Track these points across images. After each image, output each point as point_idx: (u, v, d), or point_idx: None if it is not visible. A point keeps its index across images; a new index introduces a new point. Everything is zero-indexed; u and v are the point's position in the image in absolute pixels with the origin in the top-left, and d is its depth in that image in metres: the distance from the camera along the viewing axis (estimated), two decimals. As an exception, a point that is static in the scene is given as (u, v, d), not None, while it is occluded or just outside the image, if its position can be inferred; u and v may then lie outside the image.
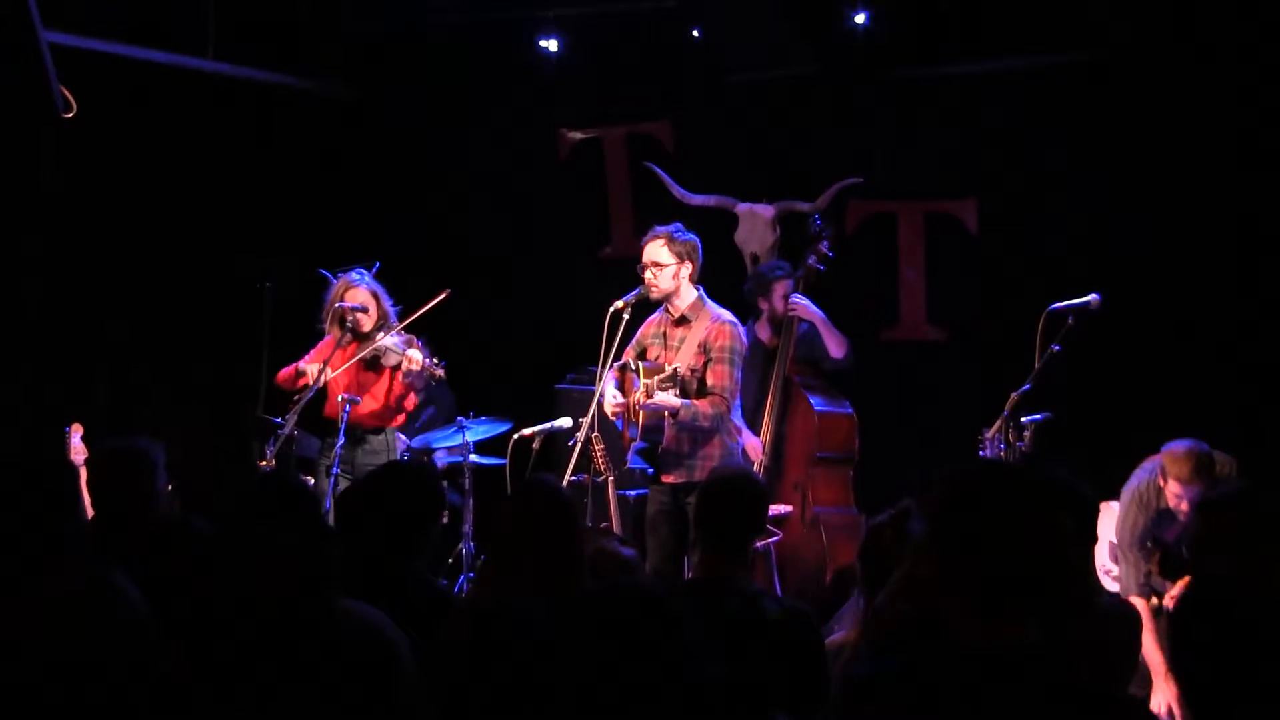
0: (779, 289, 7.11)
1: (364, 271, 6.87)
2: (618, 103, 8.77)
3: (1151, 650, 5.45)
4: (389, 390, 6.82)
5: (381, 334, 6.73)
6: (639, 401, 5.96)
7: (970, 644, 2.35)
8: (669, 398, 5.88)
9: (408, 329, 6.82)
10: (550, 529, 3.55)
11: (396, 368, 6.73)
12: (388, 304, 6.85)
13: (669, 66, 8.46)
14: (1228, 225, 7.08)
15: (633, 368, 6.19)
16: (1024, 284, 7.17)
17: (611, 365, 6.27)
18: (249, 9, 8.19)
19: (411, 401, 6.90)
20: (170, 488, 4.49)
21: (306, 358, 6.83)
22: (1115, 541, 5.82)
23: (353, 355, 6.77)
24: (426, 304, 6.79)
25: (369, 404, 6.79)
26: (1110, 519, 5.79)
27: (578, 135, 8.90)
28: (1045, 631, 2.39)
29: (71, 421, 6.33)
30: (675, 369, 5.86)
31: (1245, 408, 6.91)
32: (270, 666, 2.88)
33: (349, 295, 6.77)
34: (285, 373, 6.82)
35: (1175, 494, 5.50)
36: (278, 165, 8.48)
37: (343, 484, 6.51)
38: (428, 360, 6.63)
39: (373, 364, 6.77)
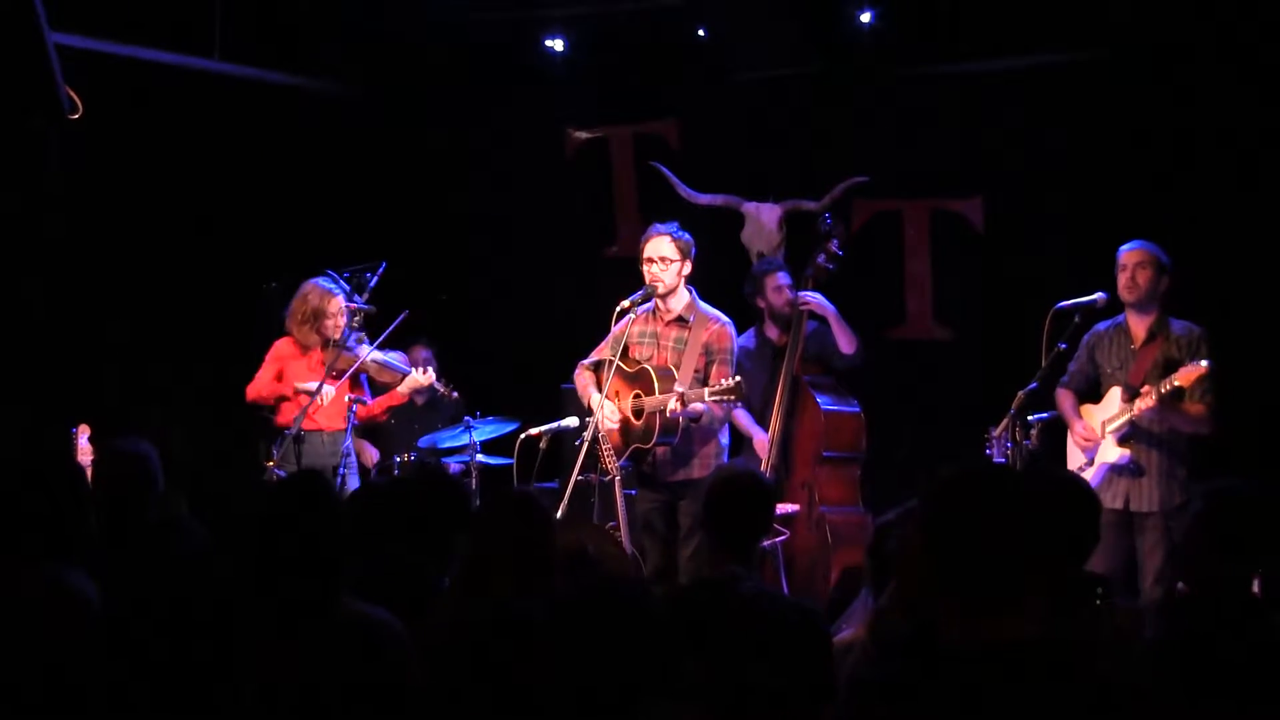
0: (770, 283, 7.12)
1: (333, 276, 6.90)
2: (623, 102, 8.77)
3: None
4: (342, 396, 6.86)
5: (366, 348, 6.76)
6: (675, 410, 5.95)
7: (969, 643, 2.35)
8: (699, 405, 5.92)
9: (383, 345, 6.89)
10: (521, 534, 3.55)
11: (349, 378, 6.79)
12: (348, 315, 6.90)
13: (675, 66, 8.46)
14: (1231, 222, 7.07)
15: (626, 369, 6.20)
16: (1030, 282, 7.16)
17: (582, 363, 6.33)
18: (254, 9, 8.19)
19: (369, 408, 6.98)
20: (164, 490, 4.49)
21: (269, 373, 6.83)
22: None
23: (319, 360, 6.81)
24: (391, 325, 6.80)
25: (325, 407, 6.80)
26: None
27: (583, 134, 8.90)
28: (1044, 628, 2.39)
29: (79, 423, 6.35)
30: (738, 382, 5.85)
31: (1245, 403, 6.89)
32: (271, 665, 2.88)
33: (332, 304, 6.80)
34: (263, 394, 6.82)
35: (1122, 265, 6.00)
36: (283, 165, 8.48)
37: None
38: (439, 384, 6.77)
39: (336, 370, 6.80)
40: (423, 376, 6.82)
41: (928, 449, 7.12)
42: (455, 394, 6.93)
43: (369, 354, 6.73)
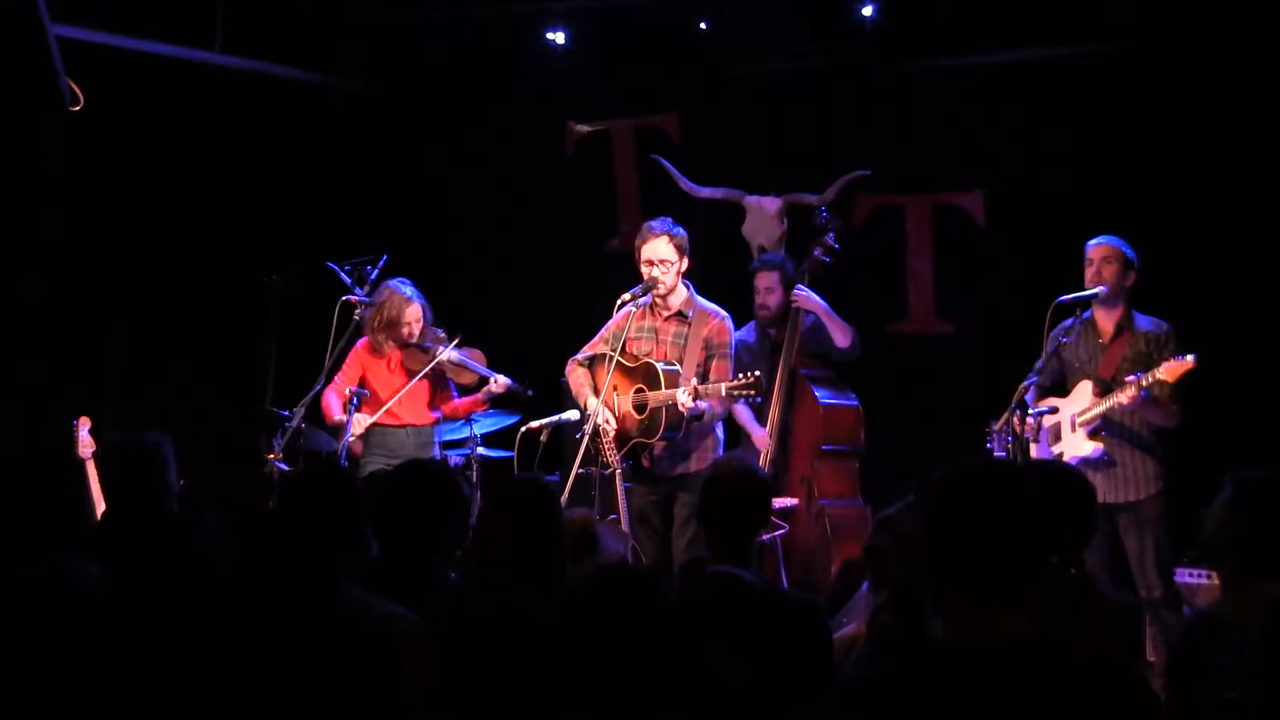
0: (755, 282, 7.13)
1: (409, 281, 6.93)
2: (625, 95, 8.77)
3: None
4: (432, 392, 6.97)
5: (442, 349, 6.82)
6: (686, 405, 5.94)
7: (967, 638, 2.35)
8: (702, 402, 5.92)
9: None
10: (528, 519, 3.55)
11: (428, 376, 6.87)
12: (429, 315, 6.95)
13: (676, 59, 8.45)
14: (1230, 216, 7.07)
15: (627, 364, 6.20)
16: (1031, 276, 7.16)
17: (574, 359, 6.34)
18: (256, 2, 8.19)
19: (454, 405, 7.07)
20: (179, 482, 4.48)
21: (339, 379, 6.85)
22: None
23: (399, 361, 6.86)
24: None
25: (406, 403, 6.88)
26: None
27: (585, 128, 8.90)
28: (1041, 623, 2.39)
29: (79, 416, 6.35)
30: (758, 376, 5.81)
31: (1247, 398, 6.90)
32: (276, 658, 2.88)
33: (408, 312, 6.81)
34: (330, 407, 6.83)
35: (1089, 260, 6.03)
36: (284, 158, 8.48)
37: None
38: (513, 384, 6.82)
39: (417, 371, 6.88)
40: (496, 386, 6.85)
41: (928, 443, 7.11)
42: (530, 392, 6.93)
43: (445, 353, 6.77)
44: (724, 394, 5.86)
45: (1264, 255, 7.00)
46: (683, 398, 5.92)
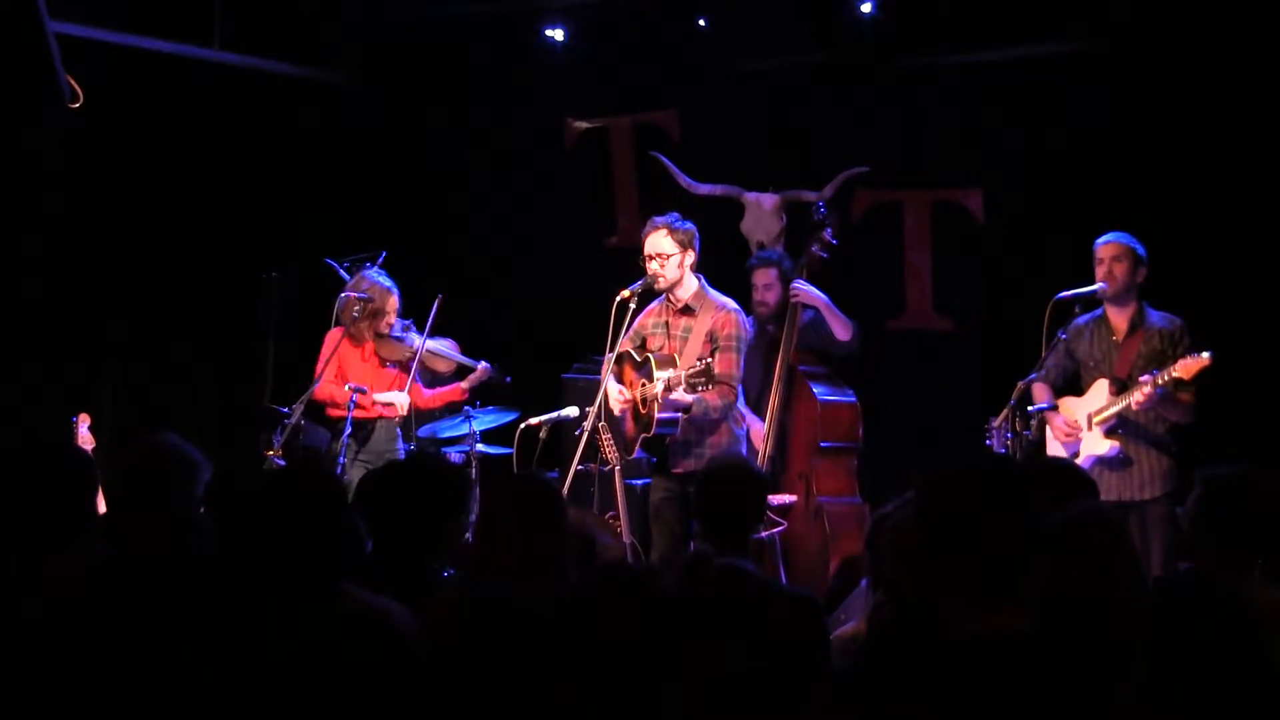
0: (753, 279, 7.13)
1: (384, 271, 7.00)
2: (624, 92, 8.76)
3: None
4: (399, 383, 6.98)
5: (419, 338, 6.87)
6: (660, 396, 5.95)
7: (966, 636, 2.35)
8: (683, 394, 5.91)
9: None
10: (530, 517, 3.55)
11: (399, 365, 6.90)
12: (399, 305, 7.02)
13: (675, 55, 8.44)
14: (1230, 216, 7.07)
15: (636, 359, 6.20)
16: (1030, 273, 7.17)
17: (607, 357, 6.33)
18: (255, -1, 8.21)
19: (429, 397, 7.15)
20: (187, 485, 4.43)
21: (332, 371, 6.87)
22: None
23: (372, 351, 6.91)
24: (430, 313, 6.92)
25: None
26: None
27: (584, 124, 8.89)
28: (1041, 620, 2.39)
29: (79, 412, 6.35)
30: (708, 363, 5.84)
31: (1246, 393, 6.91)
32: (273, 655, 2.88)
33: (391, 302, 6.89)
34: (336, 398, 6.84)
35: (1099, 259, 6.03)
36: (283, 155, 8.48)
37: (359, 472, 6.62)
38: (493, 370, 7.01)
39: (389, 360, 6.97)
40: (480, 372, 6.99)
41: (927, 440, 7.12)
42: (509, 378, 7.09)
43: (424, 344, 6.81)
44: (682, 382, 5.85)
45: (1265, 255, 7.00)
46: (658, 389, 5.94)
